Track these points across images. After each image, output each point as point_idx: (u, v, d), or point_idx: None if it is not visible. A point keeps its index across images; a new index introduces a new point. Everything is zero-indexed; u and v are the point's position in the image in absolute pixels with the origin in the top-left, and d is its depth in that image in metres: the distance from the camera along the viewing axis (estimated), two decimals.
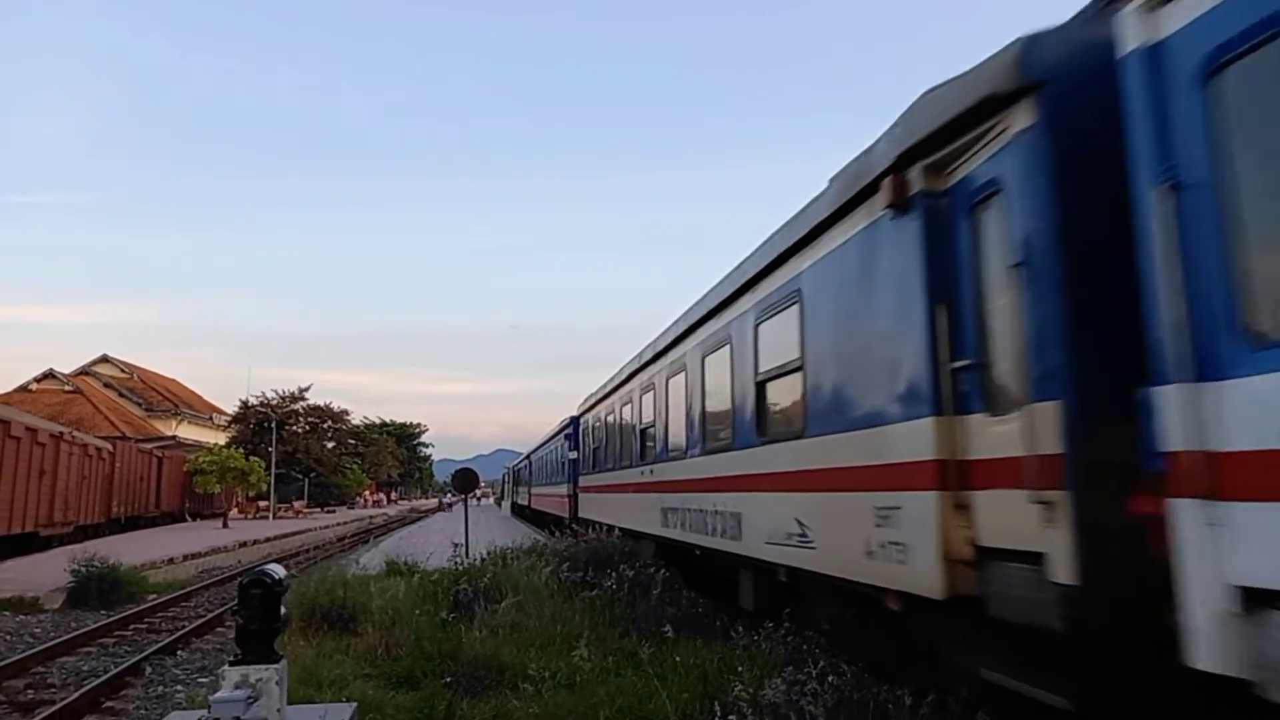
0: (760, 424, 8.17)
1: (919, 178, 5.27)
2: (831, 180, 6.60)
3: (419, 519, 57.57)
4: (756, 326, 8.21)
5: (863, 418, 5.97)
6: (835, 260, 6.52)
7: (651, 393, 13.33)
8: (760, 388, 8.14)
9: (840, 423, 6.34)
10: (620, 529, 15.04)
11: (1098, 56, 3.93)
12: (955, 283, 5.02)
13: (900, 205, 5.39)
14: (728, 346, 9.17)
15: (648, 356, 13.74)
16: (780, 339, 7.62)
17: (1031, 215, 4.28)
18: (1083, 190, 4.14)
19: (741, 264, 8.81)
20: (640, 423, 14.23)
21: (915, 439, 5.20)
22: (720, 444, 9.37)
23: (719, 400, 9.48)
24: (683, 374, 11.19)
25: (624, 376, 16.13)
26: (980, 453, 4.74)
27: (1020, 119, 4.37)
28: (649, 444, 13.65)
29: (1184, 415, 3.26)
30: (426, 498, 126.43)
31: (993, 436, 4.63)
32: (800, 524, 6.89)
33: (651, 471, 12.98)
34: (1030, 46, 4.36)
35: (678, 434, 11.52)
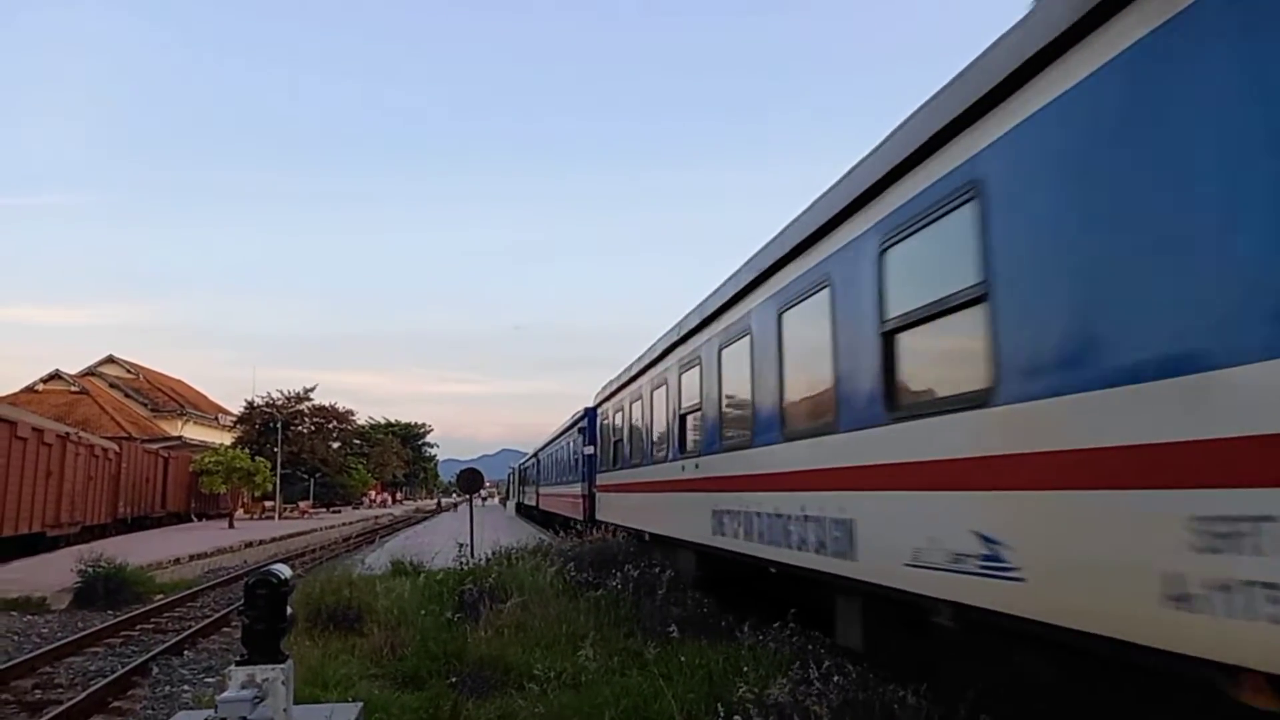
0: (889, 392, 5.73)
1: None
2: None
3: (424, 519, 57.64)
4: (881, 254, 5.84)
5: (1155, 360, 3.47)
6: (1066, 114, 4.10)
7: (695, 369, 10.93)
8: (888, 340, 5.71)
9: (1089, 374, 3.85)
10: (650, 535, 13.58)
11: None
12: None
13: None
14: (825, 291, 6.77)
15: (691, 325, 11.11)
16: (933, 263, 5.42)
17: None
18: None
19: (849, 173, 6.53)
20: (680, 408, 11.83)
21: None
22: (812, 426, 7.04)
23: (808, 367, 7.15)
24: (745, 339, 8.82)
25: (655, 356, 13.63)
26: None
27: None
28: (692, 432, 11.36)
29: None
30: (431, 497, 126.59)
31: None
32: (987, 541, 4.52)
33: (696, 466, 10.71)
34: None
35: (738, 417, 9.22)
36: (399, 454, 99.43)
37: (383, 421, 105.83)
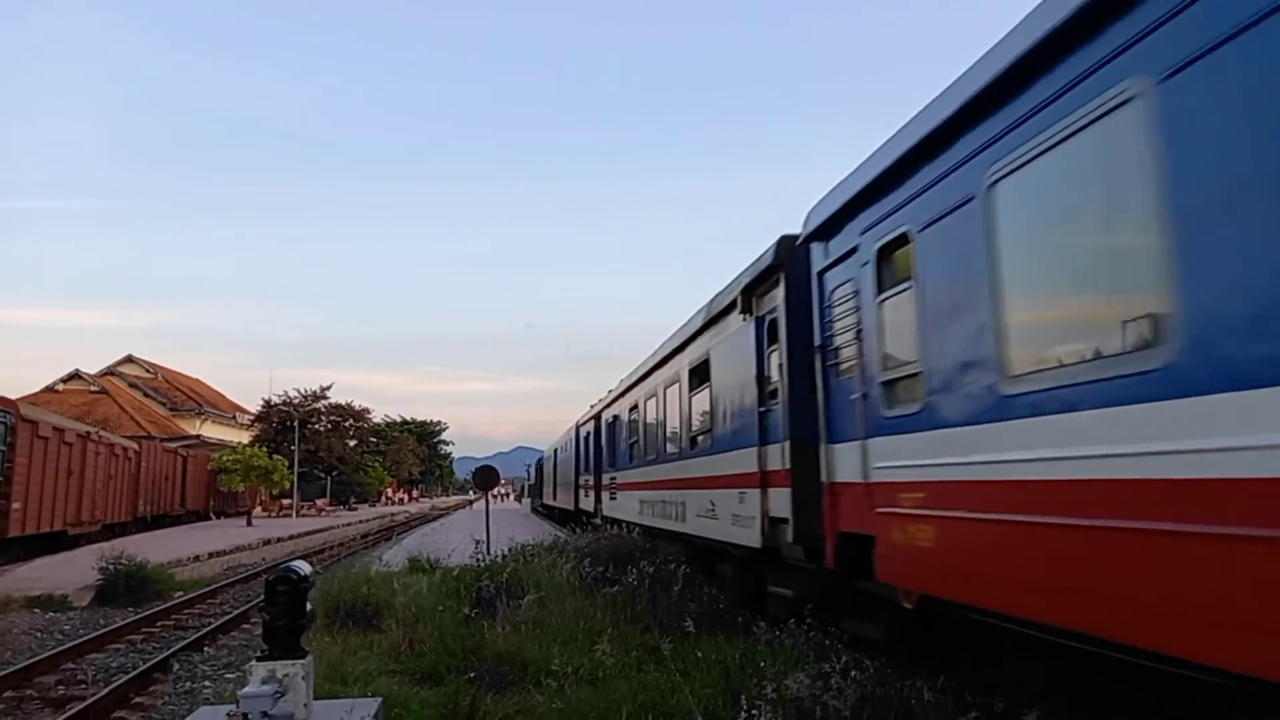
0: None
1: None
2: None
3: (439, 516, 57.82)
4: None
5: None
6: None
7: None
8: None
9: None
10: None
11: None
12: None
13: None
14: None
15: None
16: None
17: None
18: None
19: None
20: None
21: None
22: None
23: None
24: None
25: None
26: None
27: None
28: None
29: None
30: (448, 495, 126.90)
31: None
32: None
33: None
34: None
35: None
36: (415, 452, 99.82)
37: (399, 420, 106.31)
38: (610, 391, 22.32)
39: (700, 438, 11.95)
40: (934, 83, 5.61)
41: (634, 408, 17.67)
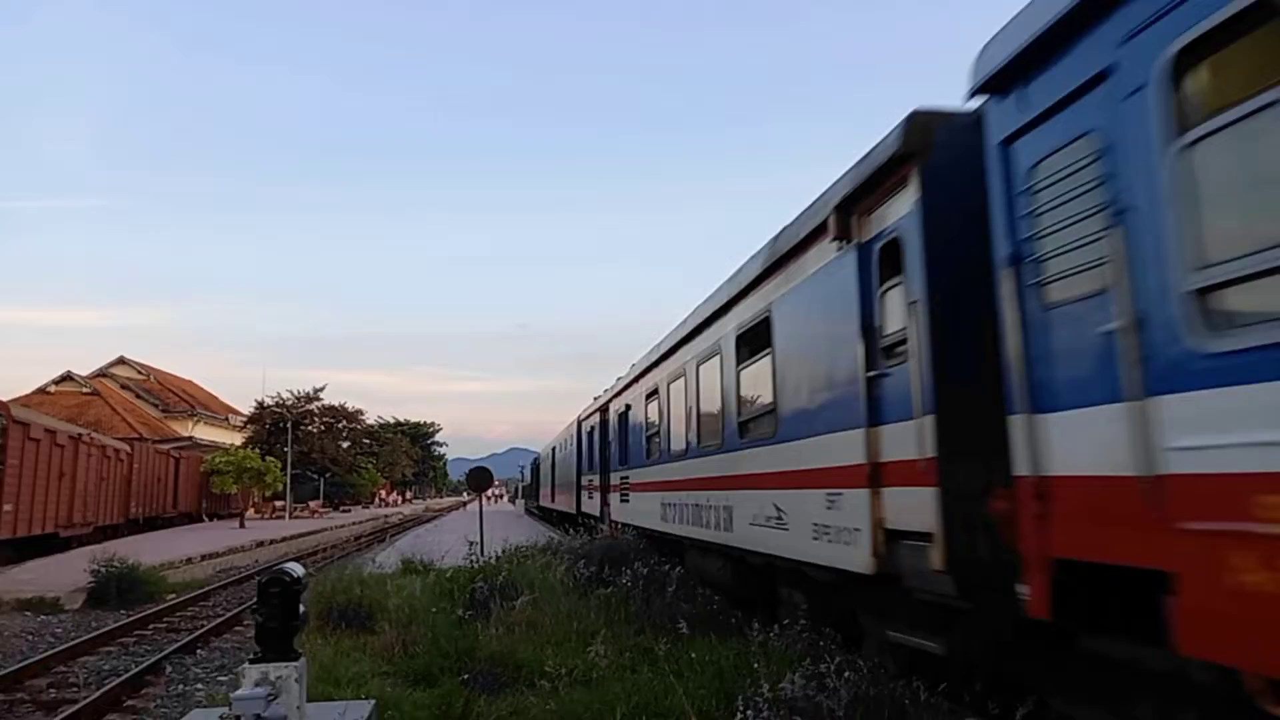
0: None
1: None
2: None
3: (433, 518, 57.69)
4: None
5: None
6: None
7: None
8: None
9: None
10: None
11: None
12: None
13: None
14: None
15: None
16: None
17: None
18: None
19: None
20: None
21: None
22: None
23: None
24: None
25: None
26: None
27: None
28: None
29: None
30: (441, 497, 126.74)
31: None
32: None
33: None
34: None
35: None
36: (408, 453, 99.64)
37: (392, 421, 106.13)
38: (619, 380, 19.33)
39: (755, 422, 9.18)
40: (934, 83, 5.55)
41: (652, 394, 14.61)
